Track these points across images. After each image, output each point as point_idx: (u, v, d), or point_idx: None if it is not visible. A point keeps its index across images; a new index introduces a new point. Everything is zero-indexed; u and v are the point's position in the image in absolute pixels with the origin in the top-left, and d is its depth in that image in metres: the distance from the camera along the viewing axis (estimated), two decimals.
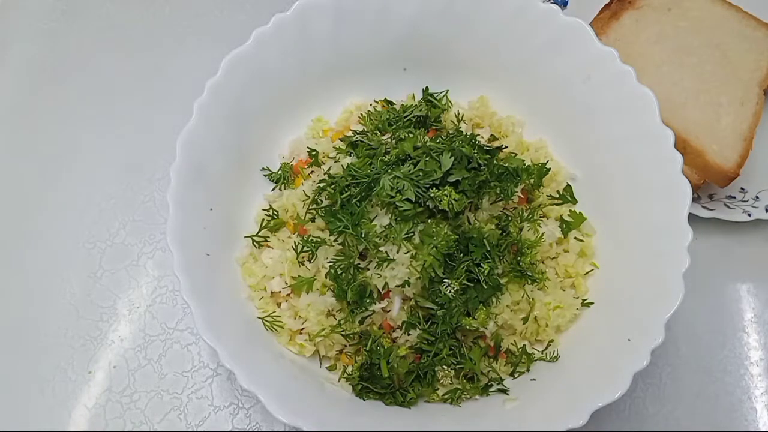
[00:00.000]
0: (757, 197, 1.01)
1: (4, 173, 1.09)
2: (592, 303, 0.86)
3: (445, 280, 0.80)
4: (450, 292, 0.80)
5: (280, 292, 0.86)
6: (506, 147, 0.93)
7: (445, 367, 0.82)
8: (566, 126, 0.94)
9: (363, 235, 0.81)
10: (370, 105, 1.00)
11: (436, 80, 1.01)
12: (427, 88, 1.01)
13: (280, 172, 0.96)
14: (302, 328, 0.85)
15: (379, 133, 0.94)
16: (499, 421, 0.76)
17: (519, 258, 0.85)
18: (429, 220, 0.82)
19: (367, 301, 0.81)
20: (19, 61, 1.19)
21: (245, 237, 0.90)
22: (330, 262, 0.83)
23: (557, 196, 0.94)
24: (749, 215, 0.98)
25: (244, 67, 0.88)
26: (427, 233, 0.80)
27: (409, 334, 0.82)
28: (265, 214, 0.92)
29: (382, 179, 0.81)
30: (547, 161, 0.94)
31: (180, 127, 0.83)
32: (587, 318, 0.86)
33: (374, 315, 0.82)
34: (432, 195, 0.80)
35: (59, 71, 1.18)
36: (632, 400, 0.91)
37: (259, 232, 0.90)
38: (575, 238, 0.90)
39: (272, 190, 0.96)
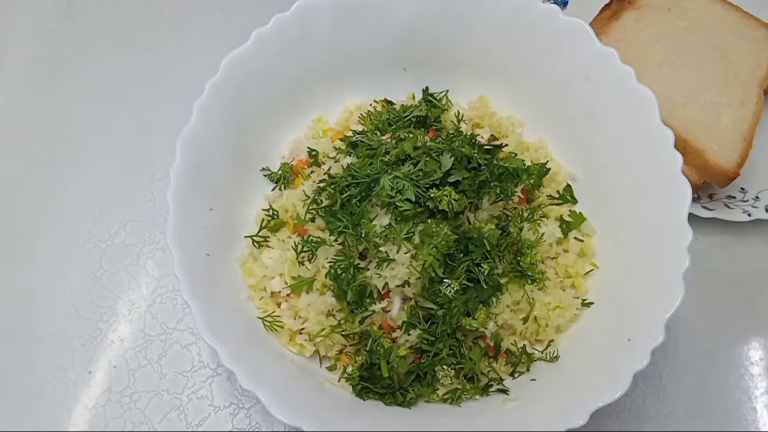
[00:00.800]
0: (757, 197, 1.01)
1: (4, 173, 1.09)
2: (592, 303, 0.86)
3: (445, 280, 0.80)
4: (450, 292, 0.80)
5: (280, 292, 0.86)
6: (506, 145, 0.93)
7: (445, 367, 0.82)
8: (566, 126, 0.94)
9: (363, 235, 0.81)
10: (370, 105, 1.00)
11: (436, 80, 1.01)
12: (427, 88, 1.01)
13: (280, 172, 0.96)
14: (302, 328, 0.85)
15: (379, 133, 0.94)
16: (499, 421, 0.76)
17: (519, 258, 0.85)
18: (429, 220, 0.82)
19: (367, 301, 0.81)
20: (19, 61, 1.19)
21: (245, 237, 0.90)
22: (330, 262, 0.83)
23: (557, 196, 0.94)
24: (749, 215, 0.98)
25: (244, 67, 0.88)
26: (427, 233, 0.80)
27: (409, 334, 0.82)
28: (265, 214, 0.92)
29: (382, 179, 0.81)
30: (547, 161, 0.94)
31: (180, 127, 0.83)
32: (587, 318, 0.86)
33: (374, 315, 0.82)
34: (432, 195, 0.80)
35: (59, 71, 1.18)
36: (632, 400, 0.91)
37: (259, 232, 0.90)
38: (575, 238, 0.90)
39: (272, 190, 0.96)
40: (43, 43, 1.21)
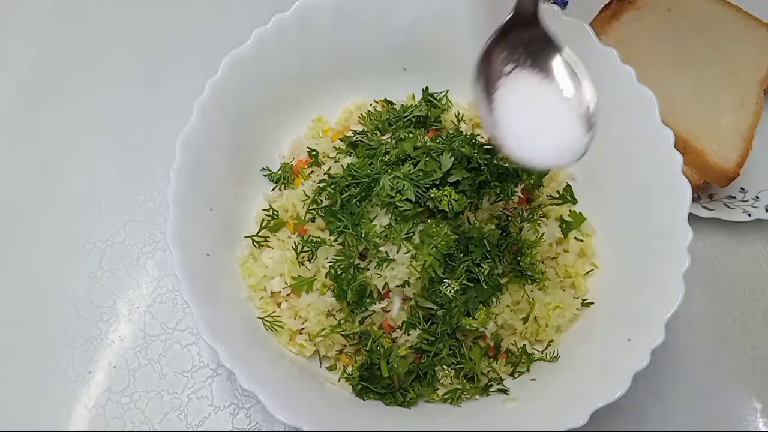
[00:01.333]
0: (757, 197, 1.01)
1: (4, 173, 1.09)
2: (592, 303, 0.86)
3: (445, 280, 0.80)
4: (450, 292, 0.80)
5: (280, 292, 0.86)
6: None
7: (445, 367, 0.82)
8: None
9: (363, 235, 0.81)
10: (370, 105, 1.00)
11: (436, 80, 1.01)
12: (427, 88, 1.01)
13: (280, 172, 0.96)
14: (302, 328, 0.85)
15: (379, 133, 0.94)
16: (499, 421, 0.76)
17: (519, 258, 0.85)
18: (429, 220, 0.82)
19: (367, 301, 0.81)
20: (19, 61, 1.19)
21: (245, 237, 0.90)
22: (330, 262, 0.83)
23: (557, 196, 0.94)
24: (749, 215, 0.98)
25: (244, 67, 0.88)
26: (427, 233, 0.80)
27: (409, 334, 0.82)
28: (265, 214, 0.92)
29: (382, 179, 0.81)
30: None
31: (180, 127, 0.83)
32: (587, 318, 0.86)
33: (374, 315, 0.82)
34: (432, 195, 0.80)
35: (59, 71, 1.18)
36: (632, 400, 0.91)
37: (259, 232, 0.90)
38: (575, 238, 0.90)
39: (272, 190, 0.96)
40: (43, 43, 1.21)
